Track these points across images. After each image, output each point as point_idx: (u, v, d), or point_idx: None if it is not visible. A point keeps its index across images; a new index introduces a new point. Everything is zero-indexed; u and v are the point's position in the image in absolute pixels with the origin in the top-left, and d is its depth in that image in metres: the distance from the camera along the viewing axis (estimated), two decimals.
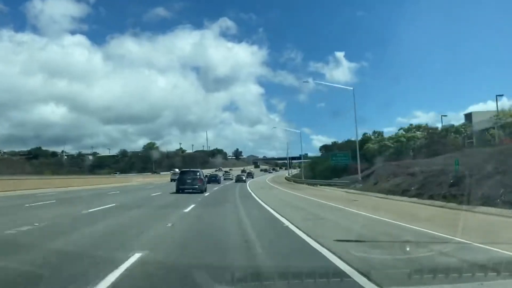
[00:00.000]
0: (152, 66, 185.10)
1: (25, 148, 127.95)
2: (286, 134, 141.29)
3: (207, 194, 25.54)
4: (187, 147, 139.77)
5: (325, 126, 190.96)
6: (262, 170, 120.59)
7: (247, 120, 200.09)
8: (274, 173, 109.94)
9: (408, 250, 6.60)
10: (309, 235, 8.16)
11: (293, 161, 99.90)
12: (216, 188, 34.60)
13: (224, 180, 56.72)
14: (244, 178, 56.40)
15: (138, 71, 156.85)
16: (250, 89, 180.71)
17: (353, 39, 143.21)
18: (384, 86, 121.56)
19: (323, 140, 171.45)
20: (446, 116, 51.38)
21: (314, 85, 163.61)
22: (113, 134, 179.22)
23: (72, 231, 8.90)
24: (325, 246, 6.85)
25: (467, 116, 46.64)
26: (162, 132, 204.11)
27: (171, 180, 42.86)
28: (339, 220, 11.51)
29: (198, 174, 27.06)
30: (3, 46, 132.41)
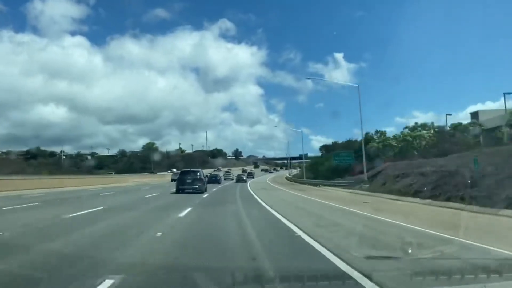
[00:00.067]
0: (151, 67, 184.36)
1: (24, 148, 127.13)
2: (286, 134, 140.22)
3: (206, 195, 23.99)
4: (187, 147, 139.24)
5: (324, 127, 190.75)
6: (262, 170, 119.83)
7: (247, 120, 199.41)
8: (274, 173, 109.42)
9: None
10: (328, 249, 6.49)
11: (292, 161, 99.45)
12: (215, 189, 33.02)
13: (224, 180, 56.07)
14: (244, 178, 55.98)
15: (138, 72, 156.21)
16: (249, 89, 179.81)
17: (352, 40, 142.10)
18: (382, 87, 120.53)
19: (322, 140, 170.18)
20: (450, 115, 49.67)
21: (314, 85, 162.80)
22: (112, 135, 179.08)
23: (36, 244, 7.13)
24: (354, 267, 5.17)
25: (473, 114, 45.09)
26: (161, 132, 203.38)
27: (172, 180, 41.64)
28: (359, 227, 9.76)
29: (199, 174, 26.50)
30: (3, 46, 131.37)
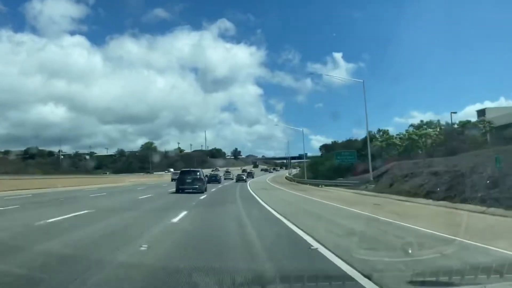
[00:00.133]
0: (151, 67, 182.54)
1: (24, 148, 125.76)
2: (285, 134, 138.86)
3: (204, 196, 22.40)
4: (186, 147, 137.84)
5: (323, 126, 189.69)
6: (262, 170, 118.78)
7: (246, 120, 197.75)
8: (274, 172, 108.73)
9: None
10: (363, 273, 4.66)
11: (292, 160, 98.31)
12: (214, 189, 31.43)
13: (224, 180, 56.07)
14: (244, 178, 56.18)
15: (137, 72, 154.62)
16: (248, 89, 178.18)
17: (351, 40, 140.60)
18: (382, 87, 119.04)
19: (322, 140, 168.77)
20: (455, 113, 48.12)
21: (313, 85, 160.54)
22: (112, 134, 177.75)
23: None
24: None
25: (480, 112, 43.58)
26: (161, 132, 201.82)
27: (172, 180, 40.41)
28: (385, 237, 8.14)
29: (198, 174, 26.13)
30: (2, 46, 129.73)
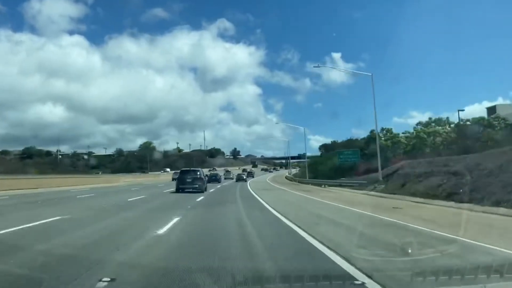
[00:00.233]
0: (150, 67, 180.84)
1: (22, 148, 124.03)
2: (284, 134, 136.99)
3: (201, 198, 20.27)
4: (185, 147, 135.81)
5: (322, 126, 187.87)
6: (263, 170, 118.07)
7: (245, 120, 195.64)
8: (274, 172, 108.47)
9: None
10: None
11: (291, 160, 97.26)
12: (213, 189, 29.30)
13: (224, 179, 56.01)
14: (244, 178, 56.24)
15: (136, 71, 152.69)
16: (247, 89, 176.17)
17: (350, 40, 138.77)
18: (381, 87, 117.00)
19: (321, 140, 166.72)
20: (463, 110, 46.06)
21: (312, 85, 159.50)
22: (111, 134, 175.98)
23: None
24: None
25: (490, 109, 41.50)
26: (160, 132, 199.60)
27: (173, 179, 38.82)
28: (442, 259, 5.93)
29: (198, 173, 25.85)
30: (1, 46, 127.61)
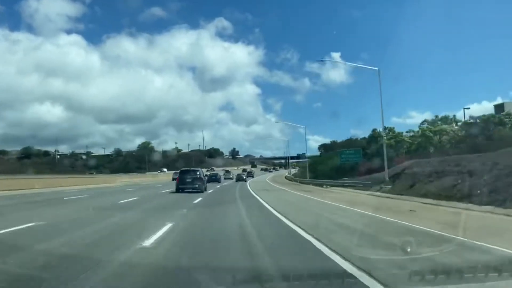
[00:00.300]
0: (148, 66, 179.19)
1: (20, 148, 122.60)
2: (283, 134, 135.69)
3: (199, 199, 18.81)
4: (183, 147, 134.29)
5: (320, 126, 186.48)
6: (262, 169, 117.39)
7: (244, 120, 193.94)
8: (274, 172, 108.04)
9: None
10: None
11: (290, 160, 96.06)
12: (211, 190, 27.85)
13: (224, 179, 55.59)
14: (244, 178, 55.94)
15: (134, 71, 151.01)
16: (246, 89, 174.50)
17: (349, 40, 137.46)
18: (379, 86, 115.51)
19: (319, 140, 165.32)
20: (468, 108, 44.64)
21: (311, 85, 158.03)
22: (109, 134, 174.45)
23: None
24: None
25: (498, 107, 40.07)
26: (158, 132, 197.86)
27: (173, 179, 37.84)
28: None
29: (198, 173, 25.68)
30: None
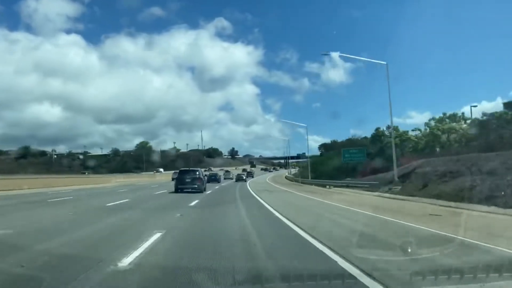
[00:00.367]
0: (147, 66, 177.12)
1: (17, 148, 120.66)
2: (283, 134, 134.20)
3: (196, 201, 17.13)
4: (182, 147, 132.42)
5: (319, 126, 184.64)
6: (262, 169, 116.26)
7: (243, 120, 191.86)
8: (274, 172, 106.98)
9: None
10: None
11: (290, 160, 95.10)
12: (210, 191, 26.19)
13: (224, 179, 55.19)
14: (244, 178, 55.42)
15: (133, 71, 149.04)
16: (245, 89, 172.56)
17: (348, 40, 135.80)
18: (379, 87, 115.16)
19: (318, 140, 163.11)
20: (476, 106, 43.06)
21: (310, 85, 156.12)
22: (108, 134, 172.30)
23: None
24: None
25: (507, 105, 38.47)
26: (157, 132, 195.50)
27: (172, 179, 36.59)
28: None
29: (198, 173, 25.34)
30: None
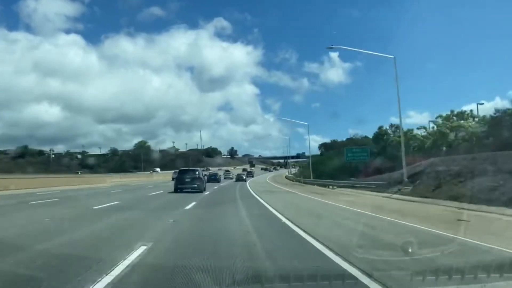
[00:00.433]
0: (147, 66, 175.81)
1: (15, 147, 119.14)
2: (282, 134, 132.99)
3: (193, 204, 15.62)
4: (181, 147, 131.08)
5: (318, 126, 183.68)
6: (262, 169, 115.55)
7: (242, 120, 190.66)
8: (274, 171, 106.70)
9: None
10: None
11: (290, 160, 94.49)
12: (208, 192, 24.69)
13: (224, 179, 54.88)
14: (244, 177, 55.02)
15: (133, 71, 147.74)
16: (245, 89, 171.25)
17: (347, 40, 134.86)
18: (378, 87, 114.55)
19: (317, 140, 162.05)
20: (482, 104, 41.57)
21: (309, 85, 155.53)
22: (107, 134, 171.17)
23: None
24: None
25: None
26: (156, 131, 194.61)
27: (172, 179, 35.56)
28: None
29: (197, 173, 25.18)
30: None
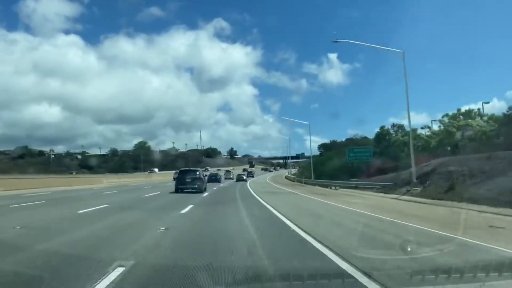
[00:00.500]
0: (146, 66, 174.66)
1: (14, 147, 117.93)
2: (282, 135, 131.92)
3: (190, 207, 14.35)
4: (181, 147, 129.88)
5: (318, 127, 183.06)
6: (263, 169, 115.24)
7: (241, 120, 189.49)
8: (274, 172, 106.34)
9: None
10: None
11: (289, 160, 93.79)
12: (207, 193, 23.46)
13: (225, 179, 54.80)
14: (244, 178, 55.04)
15: (132, 71, 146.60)
16: (244, 90, 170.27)
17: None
18: (377, 87, 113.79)
19: (317, 140, 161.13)
20: (488, 103, 40.32)
21: (308, 86, 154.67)
22: (107, 134, 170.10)
23: None
24: None
25: None
26: (156, 132, 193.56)
27: (174, 179, 34.43)
28: None
29: (198, 173, 25.20)
30: None
